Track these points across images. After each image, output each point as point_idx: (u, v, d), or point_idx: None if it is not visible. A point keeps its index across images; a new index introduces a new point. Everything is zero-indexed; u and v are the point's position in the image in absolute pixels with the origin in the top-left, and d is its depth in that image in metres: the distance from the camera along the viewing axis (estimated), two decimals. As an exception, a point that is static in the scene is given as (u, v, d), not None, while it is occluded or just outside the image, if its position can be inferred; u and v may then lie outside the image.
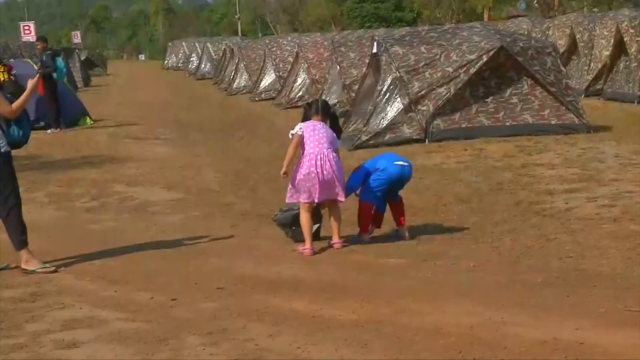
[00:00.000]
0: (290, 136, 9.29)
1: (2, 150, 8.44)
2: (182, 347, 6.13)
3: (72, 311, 7.13)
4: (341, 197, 9.26)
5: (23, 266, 8.55)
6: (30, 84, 8.65)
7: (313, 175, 9.04)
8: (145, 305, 7.26)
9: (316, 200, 9.19)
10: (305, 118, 9.44)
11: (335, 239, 9.24)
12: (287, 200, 9.48)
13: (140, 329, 6.56)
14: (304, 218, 9.22)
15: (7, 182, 8.49)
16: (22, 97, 8.50)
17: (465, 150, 15.47)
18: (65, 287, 7.95)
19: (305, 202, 9.21)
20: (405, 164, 9.62)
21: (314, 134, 9.14)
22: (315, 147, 9.09)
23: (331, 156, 9.11)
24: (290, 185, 9.31)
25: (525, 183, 12.46)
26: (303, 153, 9.14)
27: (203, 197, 12.87)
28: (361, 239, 9.48)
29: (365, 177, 9.54)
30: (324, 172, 9.04)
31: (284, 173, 9.23)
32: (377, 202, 9.59)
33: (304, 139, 9.14)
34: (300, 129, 9.20)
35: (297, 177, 9.16)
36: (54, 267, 8.58)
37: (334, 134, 9.32)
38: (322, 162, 9.05)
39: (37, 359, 6.06)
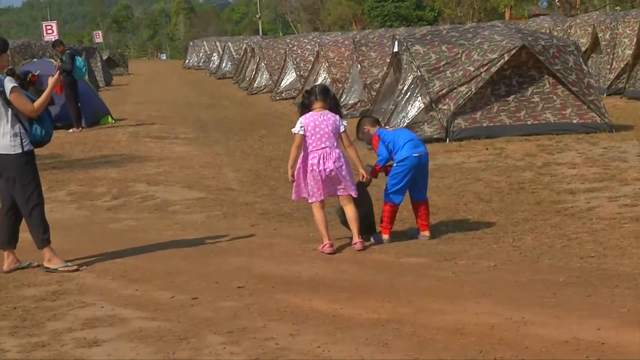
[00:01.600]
0: (294, 133, 9.23)
1: (25, 149, 8.48)
2: (202, 346, 6.14)
3: (93, 310, 7.16)
4: (352, 192, 9.25)
5: (45, 265, 8.60)
6: (50, 81, 8.68)
7: (315, 174, 9.08)
8: (166, 304, 7.28)
9: (322, 198, 9.20)
10: (305, 108, 9.30)
11: (356, 239, 9.21)
12: (293, 198, 9.51)
13: (161, 328, 6.58)
14: (317, 215, 9.22)
15: (29, 180, 8.53)
16: (43, 95, 8.54)
17: (486, 149, 15.43)
18: (87, 286, 7.98)
19: (312, 202, 9.24)
20: (422, 152, 9.58)
21: (315, 132, 9.09)
22: (316, 147, 9.09)
23: (333, 153, 9.09)
24: (294, 184, 9.30)
25: (546, 182, 12.41)
26: (304, 151, 9.15)
27: (223, 196, 12.89)
28: (381, 240, 9.46)
29: (388, 148, 9.50)
30: (326, 170, 9.07)
31: (292, 177, 9.24)
32: (400, 199, 9.56)
33: (306, 138, 9.11)
34: (302, 128, 9.12)
35: (300, 177, 9.19)
36: (75, 266, 8.62)
37: (337, 120, 9.20)
38: (324, 160, 9.07)
39: (58, 358, 6.08)
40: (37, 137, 8.61)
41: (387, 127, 10.32)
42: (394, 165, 9.49)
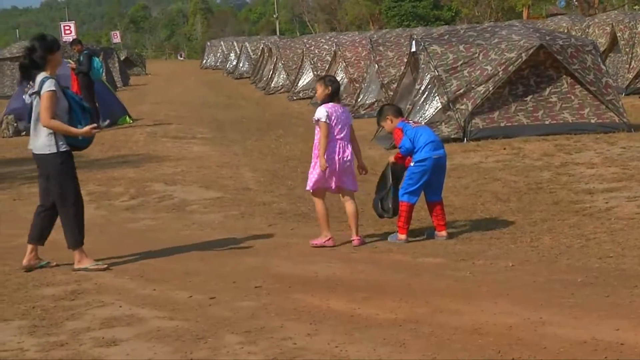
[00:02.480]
0: (315, 121, 9.33)
1: (61, 149, 8.42)
2: (220, 346, 6.15)
3: (111, 309, 7.18)
4: (355, 188, 9.50)
5: (76, 266, 8.59)
6: (78, 131, 8.45)
7: (334, 163, 9.23)
8: (183, 303, 7.30)
9: (333, 188, 9.36)
10: (334, 95, 9.42)
11: (354, 236, 9.38)
12: (309, 188, 9.54)
13: (179, 328, 6.59)
14: (321, 208, 9.41)
15: (66, 181, 8.50)
16: (63, 127, 8.35)
17: (504, 149, 15.39)
18: (105, 286, 8.01)
19: (320, 190, 9.40)
20: (442, 155, 9.59)
21: (337, 122, 9.28)
22: (337, 137, 9.29)
23: (348, 145, 9.34)
24: (315, 174, 9.38)
25: (564, 182, 12.37)
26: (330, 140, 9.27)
27: (241, 196, 12.91)
28: (398, 240, 9.45)
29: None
30: (345, 159, 9.30)
31: (325, 166, 9.27)
32: (416, 199, 9.57)
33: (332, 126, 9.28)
34: (327, 116, 9.25)
35: (317, 167, 9.31)
36: (106, 265, 8.63)
37: (349, 114, 9.56)
38: (342, 150, 9.28)
39: (76, 357, 6.11)
40: (72, 140, 8.50)
41: (410, 120, 10.28)
42: (412, 164, 9.48)
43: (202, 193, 13.26)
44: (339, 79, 27.07)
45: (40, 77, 8.42)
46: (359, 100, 23.97)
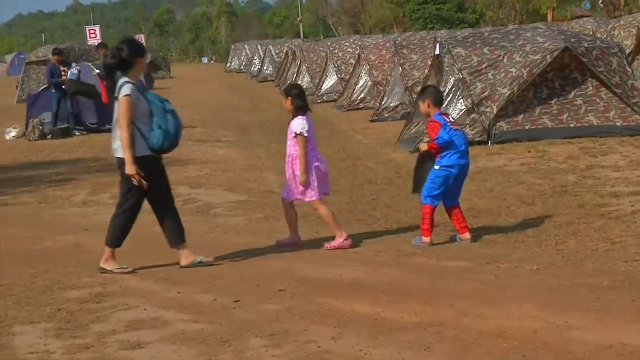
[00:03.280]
0: (297, 133, 9.49)
1: (138, 154, 8.38)
2: (244, 349, 6.17)
3: (136, 312, 7.21)
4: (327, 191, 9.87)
5: (101, 265, 8.61)
6: (128, 164, 8.42)
7: (318, 171, 9.52)
8: (208, 306, 7.32)
9: (320, 195, 9.58)
10: (300, 107, 9.65)
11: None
12: (314, 198, 9.62)
13: (204, 330, 6.61)
14: (326, 211, 9.60)
15: (132, 186, 8.50)
16: (127, 145, 8.29)
17: (529, 152, 15.33)
18: (130, 288, 8.04)
19: (317, 199, 9.59)
20: (466, 163, 9.59)
21: (312, 132, 9.58)
22: (314, 146, 9.63)
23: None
24: (312, 184, 9.54)
25: (589, 185, 12.31)
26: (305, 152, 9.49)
27: (265, 199, 12.92)
28: (423, 243, 9.43)
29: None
30: (324, 167, 9.62)
31: (307, 182, 9.47)
32: (437, 202, 9.55)
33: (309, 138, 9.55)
34: (307, 130, 9.46)
35: (313, 176, 9.53)
36: (131, 268, 8.66)
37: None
38: (320, 159, 9.63)
39: (102, 359, 6.14)
40: (152, 145, 8.44)
41: (448, 117, 10.13)
42: (437, 168, 9.45)
43: (227, 196, 13.29)
44: (362, 82, 27.40)
45: (120, 81, 8.45)
46: (382, 103, 23.96)
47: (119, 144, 8.47)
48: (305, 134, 9.38)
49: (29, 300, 7.70)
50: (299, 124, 9.41)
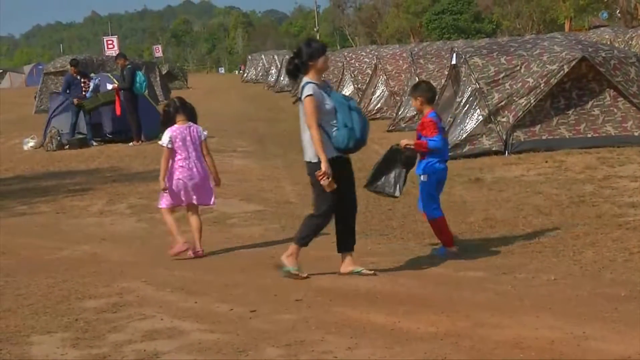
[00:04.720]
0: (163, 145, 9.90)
1: (330, 156, 8.31)
2: (260, 359, 6.17)
3: (153, 322, 7.22)
4: (211, 202, 10.28)
5: (282, 258, 8.63)
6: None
7: (181, 183, 9.84)
8: (224, 316, 7.32)
9: (190, 202, 10.03)
10: (168, 120, 9.98)
11: (198, 247, 9.90)
12: (160, 206, 10.17)
13: (220, 340, 6.62)
14: (170, 220, 10.00)
15: (322, 191, 8.36)
16: (316, 142, 8.31)
17: (546, 162, 15.29)
18: (146, 298, 8.05)
19: (167, 207, 10.00)
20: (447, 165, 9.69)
21: (183, 143, 9.83)
22: (184, 157, 9.85)
23: (199, 163, 9.93)
24: (162, 193, 9.97)
25: (607, 195, 12.26)
26: (173, 161, 9.87)
27: (281, 209, 12.93)
28: (448, 253, 9.38)
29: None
30: (193, 179, 9.89)
31: (165, 188, 9.89)
32: (440, 211, 9.56)
33: (174, 149, 9.83)
34: (170, 142, 9.80)
35: (170, 185, 9.88)
36: (306, 274, 8.57)
37: (199, 131, 10.02)
38: (189, 170, 9.88)
39: (118, 369, 6.16)
40: (338, 144, 8.36)
41: (440, 120, 9.99)
42: (425, 178, 9.41)
43: (243, 206, 13.31)
44: (379, 92, 27.41)
45: (302, 82, 8.52)
46: (399, 113, 23.93)
47: (306, 146, 8.48)
48: (164, 145, 9.86)
49: (47, 310, 7.73)
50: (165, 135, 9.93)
